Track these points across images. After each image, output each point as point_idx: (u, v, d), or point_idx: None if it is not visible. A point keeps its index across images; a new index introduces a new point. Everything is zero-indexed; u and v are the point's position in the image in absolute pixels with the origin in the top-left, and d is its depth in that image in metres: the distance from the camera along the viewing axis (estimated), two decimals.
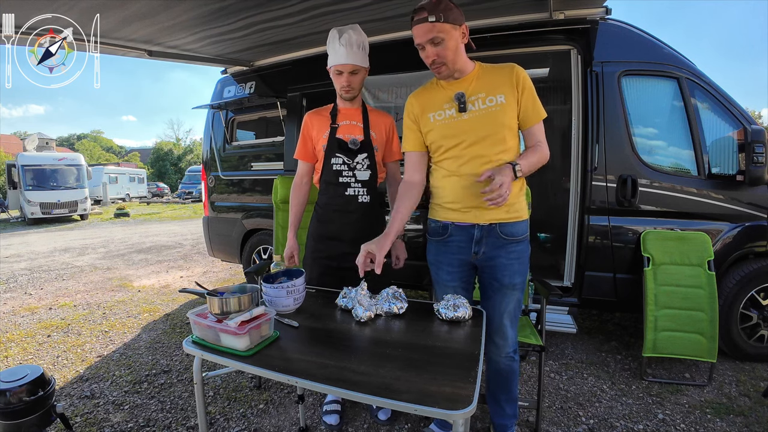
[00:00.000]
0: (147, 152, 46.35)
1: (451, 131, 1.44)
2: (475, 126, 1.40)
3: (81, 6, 2.08)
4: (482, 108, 1.40)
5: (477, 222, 1.44)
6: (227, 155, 3.79)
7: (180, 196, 22.37)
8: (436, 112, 1.47)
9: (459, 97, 1.41)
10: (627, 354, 2.61)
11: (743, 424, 1.87)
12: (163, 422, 1.93)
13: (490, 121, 1.39)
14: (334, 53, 1.66)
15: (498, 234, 1.44)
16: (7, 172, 13.24)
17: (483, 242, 1.46)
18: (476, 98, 1.41)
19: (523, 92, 1.39)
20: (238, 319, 1.10)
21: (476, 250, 1.47)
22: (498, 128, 1.38)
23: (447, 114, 1.45)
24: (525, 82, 1.39)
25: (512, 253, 1.45)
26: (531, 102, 1.40)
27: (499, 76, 1.42)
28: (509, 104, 1.39)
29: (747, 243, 2.36)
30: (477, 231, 1.45)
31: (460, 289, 1.53)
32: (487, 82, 1.42)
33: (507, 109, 1.38)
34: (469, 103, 1.41)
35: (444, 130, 1.45)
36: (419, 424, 1.88)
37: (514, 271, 1.46)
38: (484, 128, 1.39)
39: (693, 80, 2.40)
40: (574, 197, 2.53)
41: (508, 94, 1.39)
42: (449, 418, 0.85)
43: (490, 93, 1.40)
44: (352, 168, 1.73)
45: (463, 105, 1.41)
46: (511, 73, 1.40)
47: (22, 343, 2.88)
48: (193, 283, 1.63)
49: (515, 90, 1.39)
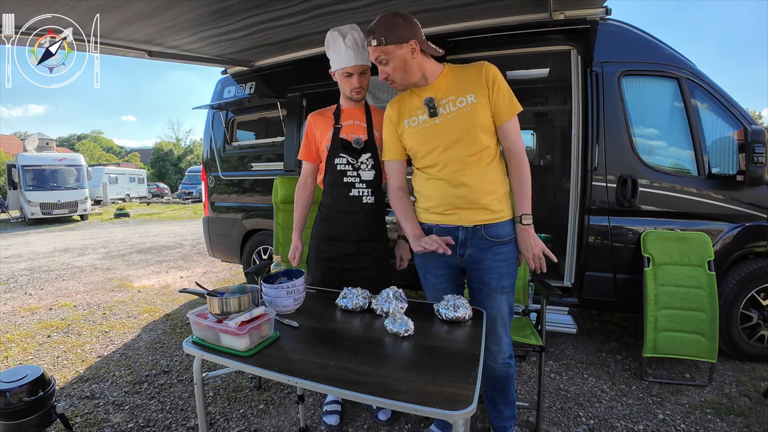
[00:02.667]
0: (147, 152, 46.37)
1: (425, 137, 1.44)
2: (448, 129, 1.40)
3: (81, 6, 2.08)
4: (453, 110, 1.39)
5: (461, 224, 1.44)
6: (227, 155, 3.79)
7: (180, 196, 22.37)
8: (410, 118, 1.47)
9: (428, 102, 1.41)
10: (627, 354, 2.61)
11: (743, 425, 1.87)
12: (163, 422, 1.93)
13: (462, 123, 1.38)
14: (339, 55, 1.63)
15: (483, 235, 1.43)
16: (7, 173, 13.25)
17: (468, 244, 1.44)
18: (446, 101, 1.41)
19: (494, 88, 1.37)
20: (238, 319, 1.10)
21: (462, 252, 1.46)
22: (471, 129, 1.37)
23: (420, 120, 1.45)
24: (495, 78, 1.37)
25: (499, 254, 1.43)
26: (503, 97, 1.38)
27: (467, 76, 1.41)
28: (480, 103, 1.37)
29: (747, 243, 2.36)
30: (461, 233, 1.44)
31: (450, 291, 1.51)
32: (455, 84, 1.41)
33: (478, 109, 1.37)
34: (440, 107, 1.41)
35: (419, 136, 1.46)
36: (419, 424, 1.88)
37: (501, 273, 1.44)
38: (456, 131, 1.39)
39: (693, 80, 2.40)
40: (574, 197, 2.53)
41: (478, 93, 1.37)
42: (449, 419, 0.85)
43: (459, 94, 1.39)
44: (357, 168, 1.72)
45: (433, 110, 1.41)
46: (480, 72, 1.38)
47: (22, 344, 2.88)
48: (193, 283, 1.62)
49: (485, 87, 1.37)
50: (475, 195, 1.39)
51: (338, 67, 1.66)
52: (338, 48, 1.62)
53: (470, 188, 1.39)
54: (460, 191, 1.40)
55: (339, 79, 1.70)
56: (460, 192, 1.40)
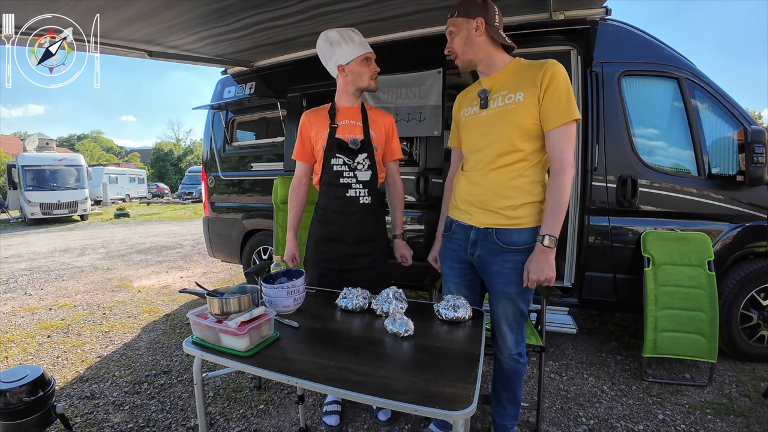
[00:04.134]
0: (147, 153, 46.39)
1: (471, 128, 1.45)
2: (487, 124, 1.38)
3: (81, 6, 2.08)
4: (499, 106, 1.36)
5: (473, 224, 1.44)
6: (227, 156, 3.79)
7: (180, 196, 22.37)
8: (467, 108, 1.49)
9: (481, 93, 1.41)
10: (627, 354, 2.61)
11: (743, 425, 1.86)
12: (163, 423, 1.93)
13: (500, 120, 1.34)
14: (355, 45, 1.67)
15: (494, 240, 1.38)
16: (8, 173, 13.25)
17: (478, 245, 1.43)
18: (498, 95, 1.37)
19: (547, 90, 1.26)
20: (238, 319, 1.10)
21: (472, 252, 1.46)
22: (507, 128, 1.32)
23: (472, 111, 1.46)
24: (552, 79, 1.26)
25: (508, 262, 1.37)
26: (555, 101, 1.25)
27: (527, 73, 1.32)
28: (527, 103, 1.28)
29: (747, 243, 2.35)
30: (473, 233, 1.44)
31: (462, 287, 1.53)
32: (514, 79, 1.35)
33: (522, 109, 1.29)
34: (491, 100, 1.38)
35: (467, 127, 1.47)
36: (419, 424, 1.88)
37: (508, 279, 1.38)
38: (493, 127, 1.36)
39: (693, 80, 2.40)
40: (574, 198, 2.53)
41: (528, 92, 1.29)
42: (449, 419, 0.85)
43: (511, 90, 1.33)
44: (353, 168, 1.72)
45: (484, 102, 1.40)
46: (539, 70, 1.29)
47: (22, 344, 2.88)
48: (193, 283, 1.63)
49: (537, 88, 1.27)
50: (487, 197, 1.37)
51: (357, 54, 1.67)
52: (351, 38, 1.67)
53: (484, 189, 1.38)
54: (475, 190, 1.41)
55: (357, 69, 1.68)
56: (474, 190, 1.41)
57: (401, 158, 1.90)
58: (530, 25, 2.45)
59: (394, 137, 1.83)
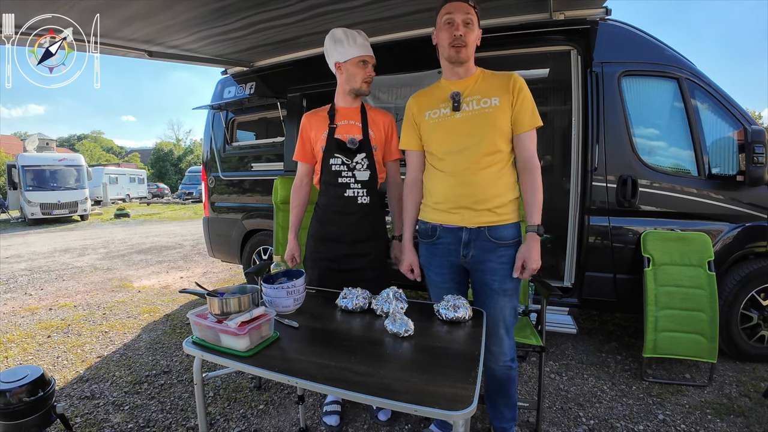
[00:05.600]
0: (147, 153, 46.40)
1: (443, 130, 1.46)
2: (467, 126, 1.41)
3: (81, 6, 2.08)
4: (476, 109, 1.42)
5: (464, 225, 1.44)
6: (227, 156, 3.79)
7: (180, 196, 22.37)
8: (432, 110, 1.49)
9: (454, 96, 1.43)
10: (627, 354, 2.61)
11: (744, 425, 1.86)
12: (163, 423, 1.93)
13: (482, 122, 1.40)
14: (355, 46, 1.68)
15: (487, 237, 1.43)
16: (8, 173, 13.26)
17: (472, 245, 1.44)
18: (471, 99, 1.43)
19: (518, 97, 1.40)
20: (238, 319, 1.10)
21: (465, 253, 1.46)
22: (489, 130, 1.39)
23: (441, 112, 1.47)
24: (522, 89, 1.41)
25: (502, 257, 1.43)
26: (525, 107, 1.40)
27: (497, 82, 1.44)
28: (503, 108, 1.40)
29: (747, 243, 2.35)
30: (465, 234, 1.44)
31: (453, 290, 1.52)
32: (485, 87, 1.44)
33: (500, 112, 1.39)
34: (463, 104, 1.43)
35: (437, 128, 1.47)
36: (419, 424, 1.88)
37: (504, 275, 1.44)
38: (475, 129, 1.40)
39: (693, 81, 2.40)
40: (574, 198, 2.53)
41: (503, 98, 1.40)
42: (449, 419, 0.85)
43: (485, 96, 1.42)
44: (351, 168, 1.72)
45: (457, 104, 1.43)
46: (509, 80, 1.42)
47: (22, 344, 2.88)
48: (193, 283, 1.63)
49: (510, 94, 1.40)
50: (482, 196, 1.40)
51: (354, 56, 1.68)
52: (353, 39, 1.67)
53: (478, 188, 1.40)
54: (468, 190, 1.41)
55: (351, 69, 1.69)
56: (467, 191, 1.41)
57: (401, 158, 1.89)
58: (530, 25, 2.46)
59: (394, 137, 1.83)
